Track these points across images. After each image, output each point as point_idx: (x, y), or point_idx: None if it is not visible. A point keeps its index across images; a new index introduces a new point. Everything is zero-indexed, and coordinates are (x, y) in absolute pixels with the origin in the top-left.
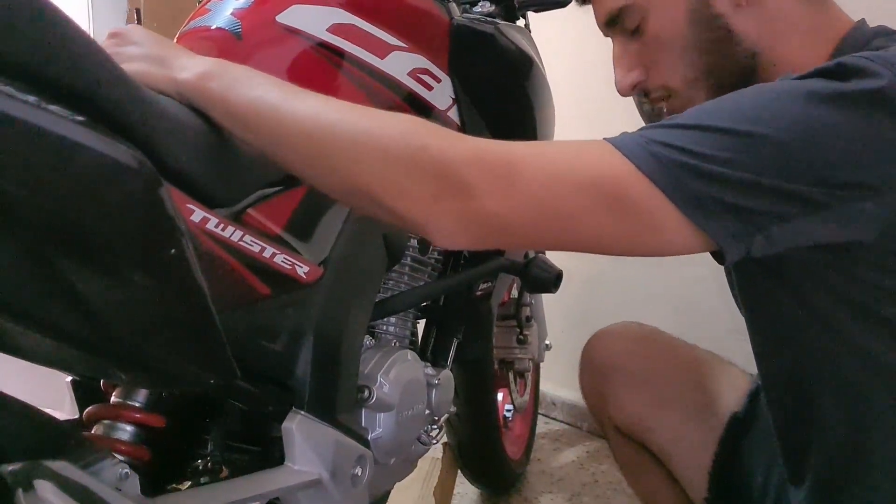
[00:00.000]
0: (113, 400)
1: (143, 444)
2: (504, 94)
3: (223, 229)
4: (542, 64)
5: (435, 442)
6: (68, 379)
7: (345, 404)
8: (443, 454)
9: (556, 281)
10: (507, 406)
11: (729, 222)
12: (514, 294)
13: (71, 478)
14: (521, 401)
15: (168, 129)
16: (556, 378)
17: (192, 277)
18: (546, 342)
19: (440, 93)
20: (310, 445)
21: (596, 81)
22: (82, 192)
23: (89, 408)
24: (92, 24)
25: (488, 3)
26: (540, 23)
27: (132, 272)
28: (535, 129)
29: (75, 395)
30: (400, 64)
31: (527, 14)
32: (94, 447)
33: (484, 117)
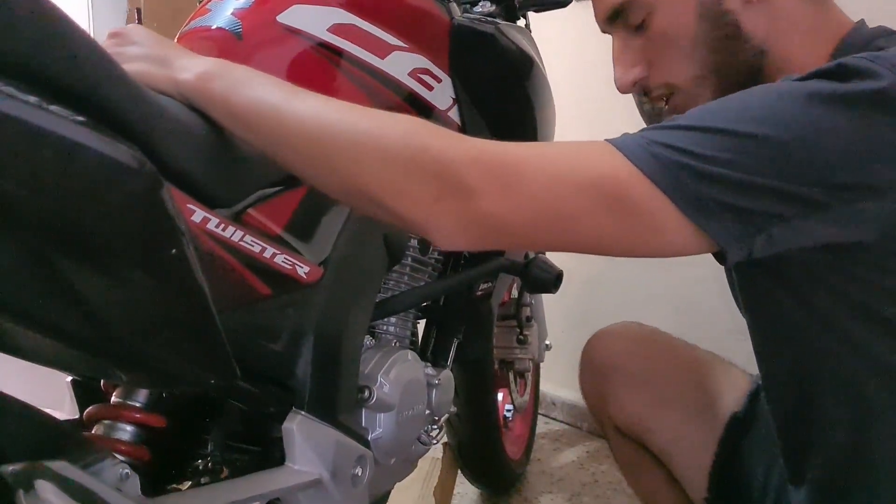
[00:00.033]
0: (113, 400)
1: (144, 445)
2: (504, 95)
3: (224, 229)
4: (543, 64)
5: (435, 442)
6: (68, 379)
7: (345, 404)
8: (443, 454)
9: (557, 281)
10: (507, 406)
11: (730, 223)
12: (514, 294)
13: (71, 478)
14: (521, 401)
15: (169, 129)
16: (556, 378)
17: (193, 278)
18: (546, 342)
19: (440, 93)
20: (310, 445)
21: (596, 81)
22: (83, 193)
23: (90, 408)
24: (92, 24)
25: (489, 2)
26: (540, 23)
27: (133, 272)
28: (536, 130)
29: (75, 395)
30: (400, 64)
31: (527, 14)
32: (94, 447)
33: (484, 117)
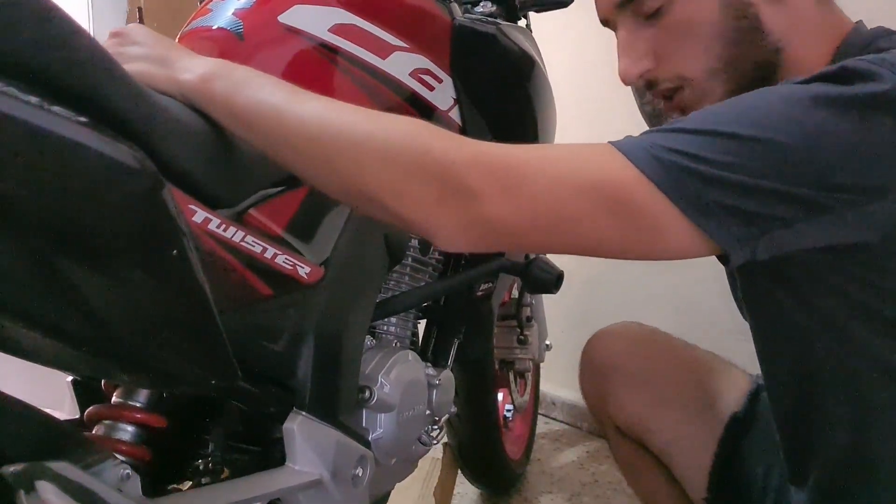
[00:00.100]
0: (114, 400)
1: (144, 445)
2: (505, 95)
3: (225, 230)
4: (544, 64)
5: (435, 442)
6: (69, 379)
7: (346, 405)
8: (443, 454)
9: (557, 282)
10: (508, 406)
11: (733, 226)
12: (514, 294)
13: (72, 479)
14: (521, 401)
15: (170, 129)
16: (556, 378)
17: (194, 278)
18: (546, 342)
19: (441, 93)
20: (311, 446)
21: (597, 81)
22: (84, 193)
23: (90, 408)
24: (92, 24)
25: (489, 3)
26: (541, 23)
27: (134, 272)
28: (537, 130)
29: (76, 396)
30: (401, 64)
31: (528, 14)
32: (95, 448)
33: (485, 118)
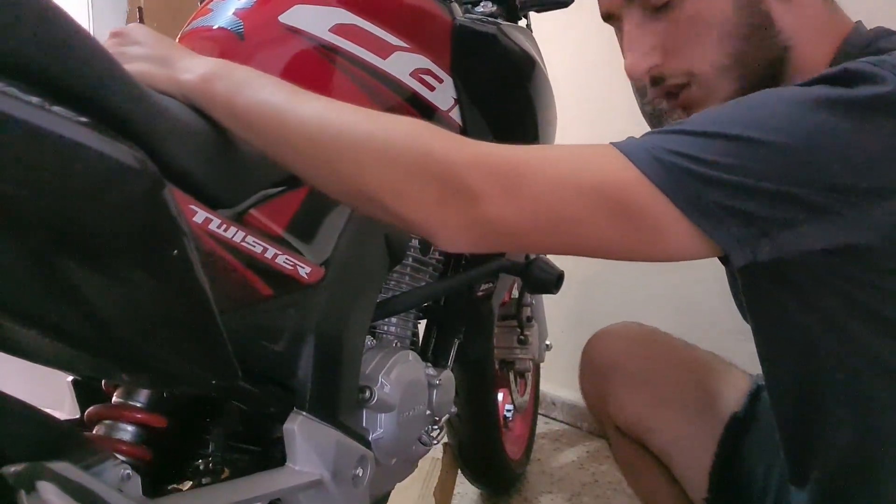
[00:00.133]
0: (114, 400)
1: (145, 445)
2: (506, 95)
3: (225, 230)
4: (544, 64)
5: (436, 442)
6: (69, 379)
7: (346, 405)
8: (443, 454)
9: (558, 282)
10: (508, 406)
11: (735, 228)
12: (514, 294)
13: (73, 479)
14: (521, 401)
15: (170, 129)
16: (556, 378)
17: (195, 278)
18: (546, 342)
19: (442, 93)
20: (311, 446)
21: (597, 82)
22: (84, 193)
23: (91, 408)
24: (92, 24)
25: (490, 3)
26: (541, 23)
27: (134, 273)
28: (537, 130)
29: (76, 395)
30: (402, 64)
31: (528, 14)
32: (95, 448)
33: (486, 118)
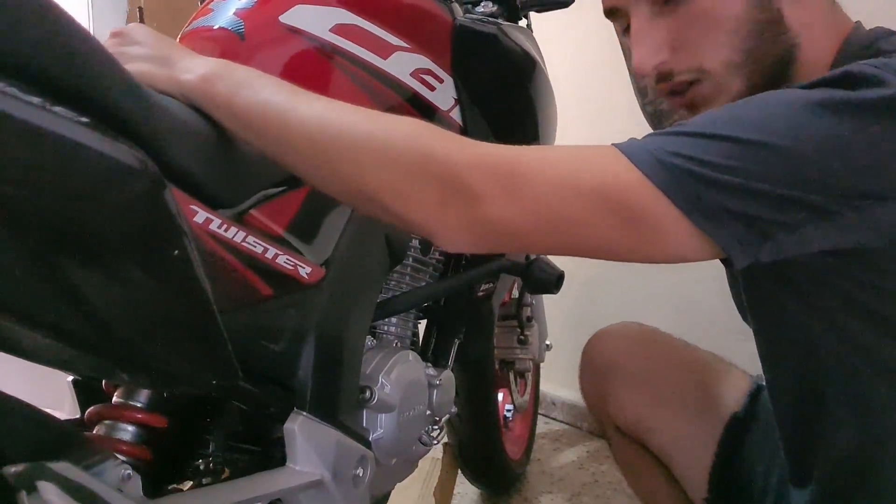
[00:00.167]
0: (115, 400)
1: (145, 445)
2: (506, 95)
3: (226, 230)
4: (545, 64)
5: (436, 442)
6: (69, 379)
7: (346, 405)
8: (443, 454)
9: (558, 282)
10: (508, 406)
11: (737, 230)
12: (515, 294)
13: (73, 479)
14: (521, 401)
15: (171, 129)
16: (556, 378)
17: (195, 278)
18: (546, 342)
19: (443, 93)
20: (311, 446)
21: (598, 81)
22: (85, 193)
23: (91, 408)
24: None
25: (490, 3)
26: (542, 23)
27: (135, 273)
28: (538, 130)
29: (77, 395)
30: (402, 64)
31: (529, 14)
32: (96, 448)
33: (486, 118)
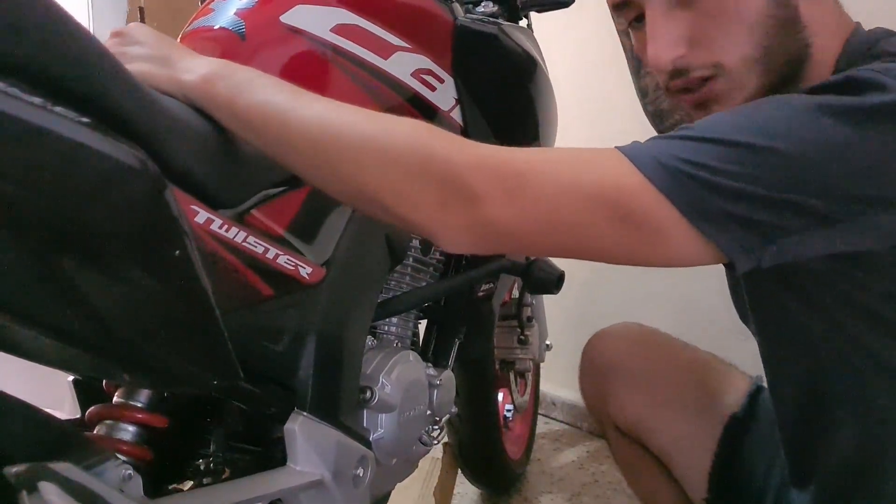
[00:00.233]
0: (115, 400)
1: (146, 445)
2: (507, 95)
3: (227, 230)
4: (545, 65)
5: (436, 442)
6: (70, 379)
7: (347, 405)
8: (443, 454)
9: (558, 282)
10: (508, 406)
11: (739, 235)
12: (515, 294)
13: (74, 479)
14: (521, 401)
15: (172, 130)
16: (556, 378)
17: (196, 278)
18: (546, 342)
19: (443, 93)
20: (312, 446)
21: (598, 82)
22: (86, 193)
23: (92, 408)
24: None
25: (491, 3)
26: (542, 23)
27: (136, 273)
28: (538, 130)
29: (77, 395)
30: (403, 64)
31: (529, 14)
32: (96, 448)
33: (487, 118)
